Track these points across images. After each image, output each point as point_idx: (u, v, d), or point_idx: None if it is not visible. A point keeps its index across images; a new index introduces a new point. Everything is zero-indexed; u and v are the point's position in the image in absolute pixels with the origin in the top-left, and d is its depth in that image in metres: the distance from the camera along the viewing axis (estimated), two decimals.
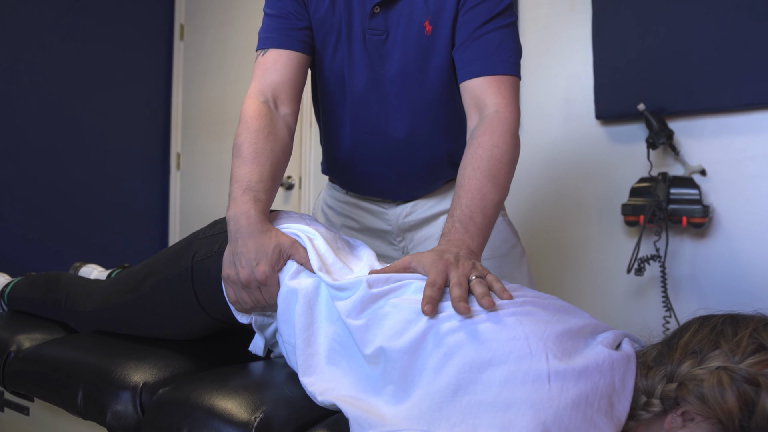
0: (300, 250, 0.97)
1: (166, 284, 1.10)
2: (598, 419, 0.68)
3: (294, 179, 2.92)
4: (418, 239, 1.36)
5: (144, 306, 1.14)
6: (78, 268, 1.81)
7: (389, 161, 1.26)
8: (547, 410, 0.66)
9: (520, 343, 0.71)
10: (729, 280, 1.91)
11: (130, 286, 1.17)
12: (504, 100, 1.09)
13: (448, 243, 0.93)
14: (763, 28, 1.81)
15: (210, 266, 1.04)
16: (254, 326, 1.02)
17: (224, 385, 0.92)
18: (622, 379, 0.72)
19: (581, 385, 0.68)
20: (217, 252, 1.04)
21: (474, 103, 1.11)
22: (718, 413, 0.68)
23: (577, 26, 2.19)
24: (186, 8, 3.42)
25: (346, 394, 0.82)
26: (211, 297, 1.04)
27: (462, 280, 0.83)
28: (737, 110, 1.90)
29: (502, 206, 1.03)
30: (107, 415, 0.98)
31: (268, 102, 1.13)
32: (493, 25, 1.12)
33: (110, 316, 1.21)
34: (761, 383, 0.67)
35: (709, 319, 0.78)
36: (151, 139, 3.38)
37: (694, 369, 0.72)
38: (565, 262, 2.23)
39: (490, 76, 1.11)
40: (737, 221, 1.91)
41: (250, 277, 0.94)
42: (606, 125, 2.14)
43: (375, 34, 1.16)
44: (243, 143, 1.06)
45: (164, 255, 1.15)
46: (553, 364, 0.69)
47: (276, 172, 1.06)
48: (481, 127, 1.07)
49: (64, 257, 2.84)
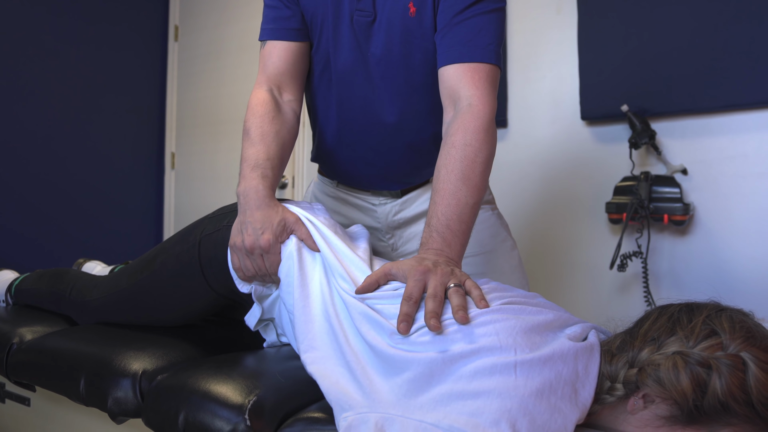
0: (302, 227, 1.03)
1: (174, 259, 1.15)
2: (563, 405, 0.73)
3: (287, 178, 2.96)
4: (407, 236, 1.38)
5: (152, 283, 1.19)
6: (81, 264, 1.85)
7: (375, 145, 1.27)
8: (513, 398, 0.71)
9: (491, 339, 0.76)
10: (708, 275, 1.97)
11: (140, 266, 1.22)
12: (478, 91, 1.06)
13: (427, 252, 0.94)
14: (741, 33, 1.87)
15: (217, 239, 1.09)
16: (253, 296, 1.07)
17: (219, 371, 0.97)
18: (585, 367, 0.77)
19: (545, 373, 0.74)
20: (225, 226, 1.09)
21: (449, 94, 1.09)
22: (674, 395, 0.73)
23: (563, 29, 2.24)
24: (180, 9, 3.45)
25: (332, 369, 0.86)
26: (217, 271, 1.09)
27: (438, 290, 0.84)
28: (717, 112, 1.96)
29: (479, 206, 1.03)
30: (108, 401, 1.03)
31: (272, 90, 1.20)
32: (475, 10, 1.09)
33: (117, 299, 1.26)
34: (712, 365, 0.72)
35: (668, 308, 0.83)
36: (145, 139, 3.42)
37: (653, 355, 0.77)
38: (551, 258, 2.28)
39: (465, 64, 1.07)
40: (716, 219, 1.97)
41: (254, 244, 1.00)
42: (591, 126, 2.20)
43: (362, 16, 1.15)
44: (250, 127, 1.14)
45: (174, 235, 1.21)
46: (520, 356, 0.74)
47: (282, 152, 1.15)
48: (454, 123, 1.05)
49: (58, 256, 2.87)
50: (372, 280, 0.91)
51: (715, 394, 0.72)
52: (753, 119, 1.91)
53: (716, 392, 0.72)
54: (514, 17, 2.35)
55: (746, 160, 1.93)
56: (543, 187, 2.30)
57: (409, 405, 0.74)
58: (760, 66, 1.84)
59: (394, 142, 1.26)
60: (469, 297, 0.86)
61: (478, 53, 1.07)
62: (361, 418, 0.75)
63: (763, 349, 0.74)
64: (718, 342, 0.74)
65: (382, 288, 0.91)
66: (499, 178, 1.47)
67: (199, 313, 1.21)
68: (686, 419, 0.74)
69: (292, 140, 1.22)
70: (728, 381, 0.71)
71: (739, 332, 0.75)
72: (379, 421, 0.74)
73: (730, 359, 0.72)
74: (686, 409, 0.73)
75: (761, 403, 0.71)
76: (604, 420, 0.81)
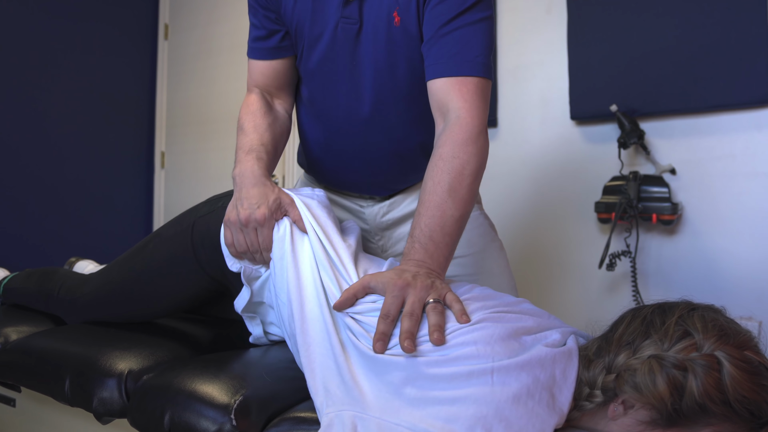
0: (295, 209, 1.04)
1: (167, 242, 1.16)
2: (540, 410, 0.73)
3: (278, 177, 2.96)
4: (396, 237, 1.38)
5: (144, 269, 1.18)
6: (73, 263, 1.84)
7: (362, 153, 1.27)
8: (489, 404, 0.71)
9: (469, 349, 0.76)
10: (696, 274, 1.98)
11: (132, 253, 1.23)
12: (466, 104, 1.04)
13: (408, 263, 0.93)
14: (729, 34, 1.88)
15: (210, 220, 1.10)
16: (243, 277, 1.06)
17: (206, 371, 0.96)
18: (563, 372, 0.78)
19: (523, 378, 0.74)
20: (220, 207, 1.11)
21: (438, 107, 1.08)
22: (652, 399, 0.73)
23: (553, 29, 2.25)
24: (170, 8, 3.44)
25: (320, 361, 0.85)
26: (209, 251, 1.09)
27: (415, 307, 0.83)
28: (705, 112, 1.97)
29: (466, 218, 1.01)
30: (94, 401, 1.02)
31: (262, 93, 1.25)
32: (461, 21, 1.06)
33: (108, 292, 1.25)
34: (688, 367, 0.73)
35: (640, 310, 0.83)
36: (135, 138, 3.40)
37: (629, 359, 0.77)
38: (541, 257, 2.29)
39: (453, 78, 1.05)
40: (704, 218, 1.98)
41: (249, 217, 1.01)
42: (580, 125, 2.20)
43: (348, 23, 1.13)
44: (244, 121, 1.18)
45: (169, 222, 1.22)
46: (497, 362, 0.74)
47: (276, 142, 1.19)
48: (442, 136, 1.04)
49: (48, 255, 2.86)
50: (350, 295, 0.89)
51: (692, 395, 0.72)
52: (740, 119, 1.92)
53: (693, 394, 0.72)
54: (504, 17, 2.36)
55: (734, 160, 1.94)
56: (532, 187, 2.31)
57: (387, 407, 0.75)
58: (748, 66, 1.86)
59: (381, 151, 1.26)
60: (450, 311, 0.85)
61: (466, 67, 1.05)
62: (339, 416, 0.76)
63: (737, 346, 0.74)
64: (692, 343, 0.74)
65: (361, 301, 0.89)
66: (489, 177, 1.47)
67: (189, 300, 1.20)
68: (666, 422, 0.74)
69: (285, 135, 1.25)
70: (704, 382, 0.72)
71: (712, 331, 0.75)
72: (355, 421, 0.74)
73: (705, 359, 0.73)
74: (665, 412, 0.73)
75: (737, 401, 0.71)
76: (585, 426, 0.81)
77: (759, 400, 0.72)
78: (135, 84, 3.39)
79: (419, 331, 0.81)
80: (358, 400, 0.77)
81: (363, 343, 0.83)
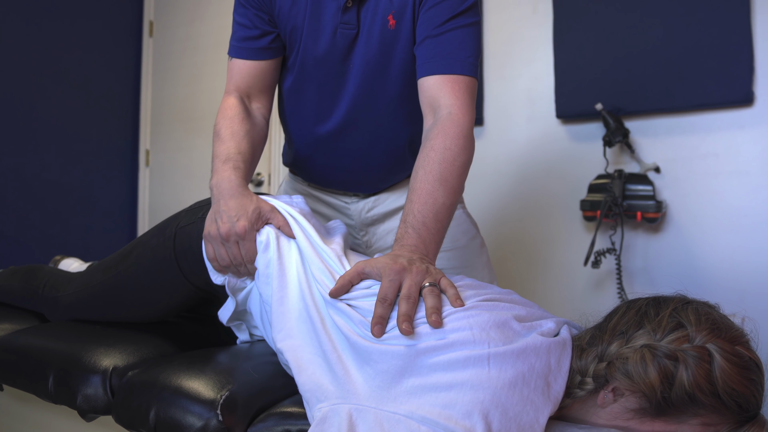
0: (278, 215, 1.02)
1: (150, 252, 1.13)
2: (535, 397, 0.74)
3: (263, 176, 2.95)
4: (381, 233, 1.40)
5: (129, 277, 1.17)
6: (58, 261, 1.82)
7: (351, 153, 1.29)
8: (485, 390, 0.71)
9: (465, 333, 0.77)
10: (680, 272, 2.00)
11: (116, 260, 1.20)
12: (458, 101, 1.08)
13: (402, 248, 0.94)
14: (712, 35, 1.90)
15: (192, 231, 1.08)
16: (227, 288, 1.05)
17: (192, 366, 0.95)
18: (558, 360, 0.78)
19: (519, 366, 0.74)
20: (200, 218, 1.08)
21: (429, 103, 1.12)
22: (642, 387, 0.75)
23: (539, 28, 2.26)
24: (155, 5, 3.42)
25: (308, 359, 0.85)
26: (192, 262, 1.08)
27: (412, 291, 0.83)
28: (689, 111, 1.99)
29: (455, 208, 1.04)
30: (78, 398, 1.01)
31: (241, 98, 1.22)
32: (454, 23, 1.11)
33: (91, 294, 1.23)
34: (679, 357, 0.74)
35: (635, 302, 0.84)
36: (120, 136, 3.38)
37: (622, 348, 0.78)
38: (527, 255, 2.30)
39: (446, 75, 1.10)
40: (688, 216, 2.00)
41: (230, 231, 0.99)
42: (566, 124, 2.22)
43: (347, 29, 1.16)
44: (221, 128, 1.15)
45: (151, 229, 1.19)
46: (493, 349, 0.75)
47: (253, 150, 1.16)
48: (434, 129, 1.07)
49: (31, 253, 2.83)
50: (345, 281, 0.89)
51: (682, 385, 0.73)
52: (723, 118, 1.95)
53: (683, 384, 0.73)
54: (491, 16, 2.36)
55: (717, 158, 1.96)
56: (518, 185, 2.32)
57: (383, 397, 0.74)
58: (731, 66, 1.88)
59: (370, 150, 1.28)
60: (445, 296, 0.86)
61: (459, 66, 1.10)
62: (334, 409, 0.75)
63: (728, 340, 0.75)
64: (685, 334, 0.75)
65: (355, 287, 0.89)
66: (475, 175, 1.48)
67: (178, 305, 1.19)
68: (655, 411, 0.75)
69: (262, 142, 1.24)
70: (695, 372, 0.73)
71: (704, 324, 0.76)
72: (352, 413, 0.74)
73: (697, 351, 0.74)
74: (654, 401, 0.74)
75: (726, 393, 0.72)
76: (575, 414, 0.82)
77: (747, 393, 0.73)
78: (120, 81, 3.36)
79: (417, 314, 0.81)
80: (351, 392, 0.77)
81: (356, 331, 0.82)
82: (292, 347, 0.87)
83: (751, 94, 1.86)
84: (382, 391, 0.75)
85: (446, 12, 1.11)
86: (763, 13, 1.88)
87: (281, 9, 1.19)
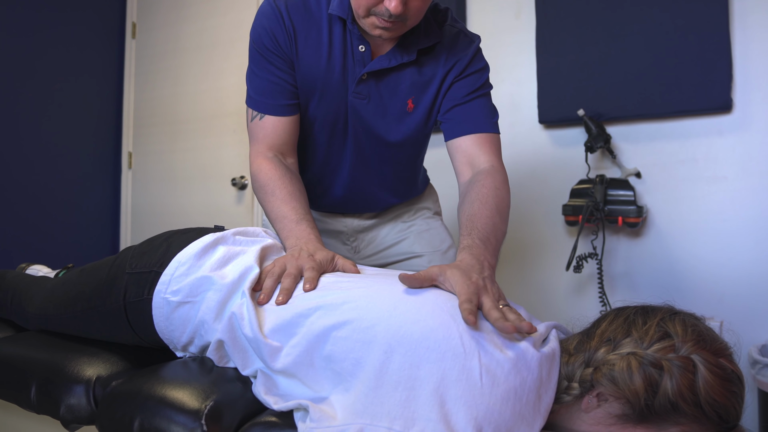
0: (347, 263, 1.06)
1: (97, 314, 1.09)
2: (526, 412, 0.75)
3: (247, 179, 2.94)
4: (369, 239, 1.48)
5: (79, 323, 1.14)
6: (23, 269, 1.79)
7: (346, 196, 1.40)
8: (479, 405, 0.72)
9: (455, 342, 0.77)
10: (660, 276, 2.03)
11: (63, 302, 1.16)
12: (494, 157, 1.22)
13: (471, 256, 0.95)
14: (692, 43, 1.93)
15: (144, 308, 1.03)
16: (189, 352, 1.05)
17: (176, 376, 0.95)
18: (548, 372, 0.79)
19: (511, 380, 0.75)
20: (146, 299, 1.03)
21: (466, 161, 1.23)
22: (626, 393, 0.76)
23: (522, 33, 2.28)
24: (138, 6, 3.39)
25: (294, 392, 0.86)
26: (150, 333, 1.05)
27: (495, 305, 0.84)
28: (669, 117, 2.02)
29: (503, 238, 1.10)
30: (61, 408, 1.00)
31: (276, 156, 1.24)
32: (478, 93, 1.26)
33: (51, 323, 1.20)
34: (664, 366, 0.75)
35: (624, 310, 0.86)
36: (102, 138, 3.35)
37: (608, 355, 0.80)
38: (509, 260, 2.32)
39: (480, 134, 1.24)
40: (669, 221, 2.03)
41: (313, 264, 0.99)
42: (548, 129, 2.24)
43: (358, 98, 1.23)
44: (275, 188, 1.18)
45: (91, 277, 1.13)
46: (484, 362, 0.75)
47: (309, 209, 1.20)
48: (479, 175, 1.18)
49: (11, 257, 2.79)
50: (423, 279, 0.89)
51: (665, 394, 0.74)
52: (703, 125, 1.98)
53: (667, 392, 0.74)
54: (473, 20, 2.38)
55: (696, 164, 1.99)
56: None
57: (377, 413, 0.74)
58: (710, 74, 1.91)
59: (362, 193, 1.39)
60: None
61: (489, 126, 1.26)
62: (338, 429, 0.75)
63: (713, 352, 0.77)
64: (671, 344, 0.77)
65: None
66: None
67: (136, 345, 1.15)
68: (638, 418, 0.77)
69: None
70: (679, 382, 0.74)
71: (690, 335, 0.78)
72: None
73: (681, 361, 0.75)
74: (638, 408, 0.76)
75: (708, 403, 0.74)
76: (560, 419, 0.83)
77: (728, 404, 0.75)
78: (102, 83, 3.33)
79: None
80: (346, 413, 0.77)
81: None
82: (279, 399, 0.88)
83: (729, 101, 1.89)
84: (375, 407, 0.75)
85: (471, 84, 1.26)
86: (742, 22, 1.91)
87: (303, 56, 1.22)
